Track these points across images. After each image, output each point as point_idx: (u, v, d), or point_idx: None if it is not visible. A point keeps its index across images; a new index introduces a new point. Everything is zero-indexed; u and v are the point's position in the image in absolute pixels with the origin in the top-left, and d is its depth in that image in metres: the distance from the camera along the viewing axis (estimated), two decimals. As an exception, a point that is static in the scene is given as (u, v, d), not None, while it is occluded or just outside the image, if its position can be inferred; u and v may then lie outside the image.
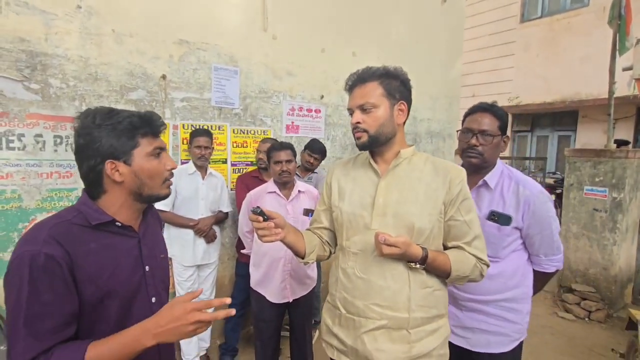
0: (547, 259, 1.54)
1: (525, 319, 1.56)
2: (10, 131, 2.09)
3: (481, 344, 1.53)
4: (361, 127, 1.19)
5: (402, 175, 1.23)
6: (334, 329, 1.29)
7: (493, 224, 1.48)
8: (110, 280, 0.92)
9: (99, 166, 0.93)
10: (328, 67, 3.52)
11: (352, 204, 1.26)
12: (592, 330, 3.44)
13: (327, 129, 3.63)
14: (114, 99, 2.41)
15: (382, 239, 1.07)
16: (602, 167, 3.80)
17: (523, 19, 7.66)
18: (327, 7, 3.49)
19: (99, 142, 0.92)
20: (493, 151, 1.49)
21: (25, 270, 0.82)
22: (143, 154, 0.96)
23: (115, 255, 0.96)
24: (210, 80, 2.83)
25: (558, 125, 7.60)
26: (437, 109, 4.69)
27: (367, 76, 1.21)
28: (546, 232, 1.49)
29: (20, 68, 2.10)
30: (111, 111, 0.96)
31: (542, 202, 1.47)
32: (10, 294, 0.83)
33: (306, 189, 2.24)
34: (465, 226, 1.21)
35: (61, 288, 0.84)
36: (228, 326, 2.83)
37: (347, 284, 1.24)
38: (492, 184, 1.50)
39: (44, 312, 0.82)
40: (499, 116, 1.50)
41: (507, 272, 1.51)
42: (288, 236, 1.23)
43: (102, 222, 0.94)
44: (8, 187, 2.11)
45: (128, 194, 0.98)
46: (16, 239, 2.14)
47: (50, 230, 0.87)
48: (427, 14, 4.45)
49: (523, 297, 1.55)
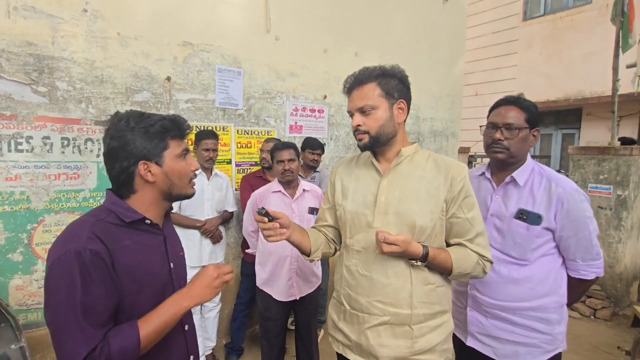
0: (585, 264, 1.40)
1: (558, 329, 1.42)
2: (19, 133, 2.13)
3: (508, 355, 1.43)
4: (362, 129, 1.21)
5: (403, 173, 1.24)
6: (339, 324, 1.32)
7: (521, 223, 1.39)
8: (145, 275, 0.96)
9: (131, 167, 0.97)
10: (330, 68, 3.54)
11: (355, 202, 1.28)
12: (598, 328, 3.43)
13: (330, 129, 3.64)
14: (119, 101, 2.44)
15: (382, 238, 1.09)
16: (606, 165, 3.79)
17: (526, 17, 7.63)
18: (329, 7, 3.51)
19: (132, 145, 0.96)
20: (520, 145, 1.40)
21: (75, 266, 0.84)
22: (172, 155, 1.01)
23: (147, 251, 1.00)
24: (214, 81, 2.86)
25: (562, 124, 7.56)
26: (440, 108, 4.69)
27: (364, 77, 1.21)
28: (583, 235, 1.36)
29: (28, 71, 2.13)
30: (143, 114, 1.00)
31: (578, 200, 1.35)
32: (57, 291, 0.85)
33: (310, 187, 2.25)
34: (468, 223, 1.21)
35: (108, 281, 0.88)
36: (234, 325, 2.85)
37: (350, 281, 1.27)
38: (521, 181, 1.42)
39: (98, 304, 0.86)
40: (525, 108, 1.42)
41: (536, 278, 1.40)
42: (293, 235, 1.25)
43: (134, 220, 0.98)
44: (17, 188, 2.14)
45: (158, 194, 1.02)
46: (25, 240, 2.18)
47: (91, 228, 0.90)
48: (429, 13, 4.46)
49: (555, 305, 1.42)
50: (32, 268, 2.21)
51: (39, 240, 2.22)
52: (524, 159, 1.46)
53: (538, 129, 1.45)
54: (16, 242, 2.16)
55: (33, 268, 2.22)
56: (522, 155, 1.44)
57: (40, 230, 2.23)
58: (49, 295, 0.87)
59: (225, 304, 3.03)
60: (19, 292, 2.18)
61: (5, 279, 2.14)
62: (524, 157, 1.45)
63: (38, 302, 2.23)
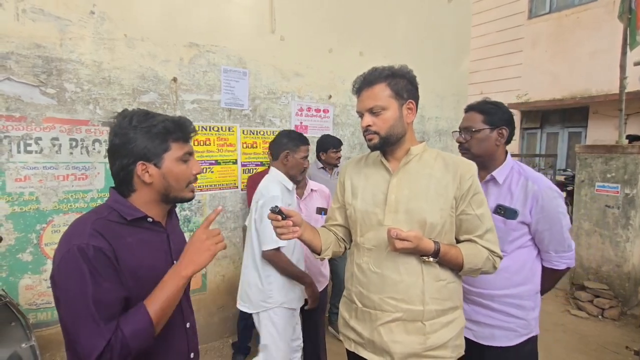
0: (558, 255, 1.53)
1: (532, 314, 1.55)
2: (28, 135, 2.15)
3: (486, 337, 1.54)
4: (372, 129, 1.22)
5: (412, 172, 1.25)
6: (351, 322, 1.32)
7: (499, 217, 1.49)
8: (148, 272, 0.96)
9: (130, 166, 0.97)
10: (335, 67, 3.54)
11: (365, 201, 1.29)
12: (605, 328, 3.40)
13: (335, 129, 3.64)
14: (126, 102, 2.46)
15: (394, 234, 1.09)
16: (614, 163, 3.76)
17: (531, 15, 7.59)
18: (334, 7, 3.51)
19: (133, 143, 0.96)
20: (479, 145, 1.52)
21: (81, 261, 0.85)
22: (173, 158, 1.00)
23: (149, 249, 1.00)
24: (220, 82, 2.87)
25: (568, 122, 7.51)
26: (445, 107, 4.68)
27: (373, 78, 1.22)
28: (556, 228, 1.48)
29: (37, 73, 2.15)
30: (147, 114, 0.99)
31: (551, 197, 1.46)
32: (68, 287, 0.86)
33: (318, 187, 2.25)
34: (477, 220, 1.22)
35: (114, 276, 0.89)
36: (241, 324, 2.87)
37: (362, 279, 1.28)
38: (500, 179, 1.52)
39: (109, 297, 0.87)
40: (483, 110, 1.54)
41: (513, 268, 1.51)
42: (305, 233, 1.27)
43: (136, 218, 0.98)
44: (26, 189, 2.17)
45: (156, 195, 1.02)
46: (34, 240, 2.20)
47: (93, 225, 0.91)
48: (434, 12, 4.44)
49: (529, 293, 1.54)
50: (42, 268, 2.24)
51: (48, 240, 2.25)
52: (497, 157, 1.54)
53: (504, 128, 1.52)
54: (26, 242, 2.19)
55: (42, 268, 2.24)
56: (487, 153, 1.53)
57: (50, 230, 2.25)
58: (60, 292, 0.88)
59: (231, 304, 3.04)
60: (29, 292, 2.21)
61: (15, 279, 2.17)
62: (493, 155, 1.54)
63: (47, 302, 2.26)
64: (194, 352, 1.15)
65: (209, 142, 2.87)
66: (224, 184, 2.96)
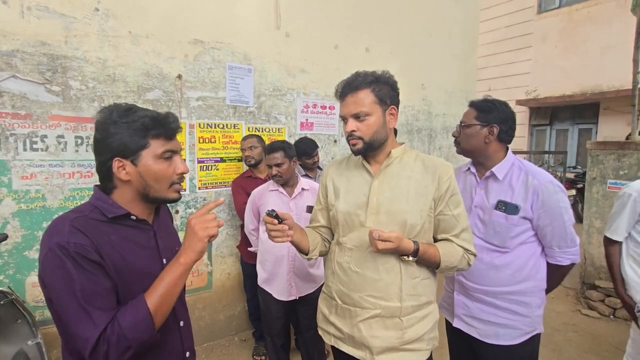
0: (561, 251, 1.51)
1: (536, 312, 1.54)
2: (34, 133, 2.15)
3: (490, 335, 1.54)
4: (356, 134, 1.24)
5: (394, 174, 1.29)
6: (331, 317, 1.37)
7: (500, 213, 1.50)
8: (134, 271, 0.94)
9: (108, 162, 0.94)
10: (341, 64, 3.50)
11: (347, 203, 1.33)
12: (618, 328, 3.33)
13: (341, 126, 3.61)
14: (131, 99, 2.45)
15: (376, 235, 1.13)
16: (626, 160, 3.67)
17: (540, 10, 7.46)
18: (339, 3, 3.48)
19: (112, 138, 0.92)
20: (468, 140, 1.55)
21: (63, 257, 0.83)
22: (151, 156, 0.95)
23: (135, 247, 0.97)
24: (225, 79, 2.85)
25: (578, 118, 7.39)
26: (453, 103, 4.62)
27: (358, 84, 1.23)
28: (557, 223, 1.47)
29: (42, 71, 2.15)
30: (129, 109, 0.95)
31: (552, 192, 1.45)
32: (54, 285, 0.85)
33: (310, 186, 2.22)
34: (454, 220, 1.27)
35: (100, 268, 0.87)
36: (252, 317, 2.90)
37: (343, 277, 1.32)
38: (500, 175, 1.53)
39: (99, 288, 0.86)
40: (478, 107, 1.56)
41: (516, 264, 1.50)
42: (295, 235, 1.29)
43: (118, 216, 0.95)
44: (32, 187, 2.17)
45: (136, 194, 0.98)
46: (40, 238, 2.21)
47: (72, 222, 0.88)
48: (441, 7, 4.38)
49: (534, 290, 1.53)
50: (48, 265, 2.24)
51: (54, 238, 2.25)
52: (490, 154, 1.54)
53: (495, 125, 1.52)
54: (32, 239, 2.19)
55: (49, 265, 2.24)
56: (475, 149, 1.55)
57: (56, 228, 2.25)
58: (47, 291, 0.86)
59: (236, 302, 3.05)
60: (36, 289, 2.22)
61: (22, 276, 2.18)
62: (483, 152, 1.55)
63: (54, 299, 2.26)
64: (190, 351, 1.12)
65: (214, 139, 2.86)
66: (229, 181, 2.95)
